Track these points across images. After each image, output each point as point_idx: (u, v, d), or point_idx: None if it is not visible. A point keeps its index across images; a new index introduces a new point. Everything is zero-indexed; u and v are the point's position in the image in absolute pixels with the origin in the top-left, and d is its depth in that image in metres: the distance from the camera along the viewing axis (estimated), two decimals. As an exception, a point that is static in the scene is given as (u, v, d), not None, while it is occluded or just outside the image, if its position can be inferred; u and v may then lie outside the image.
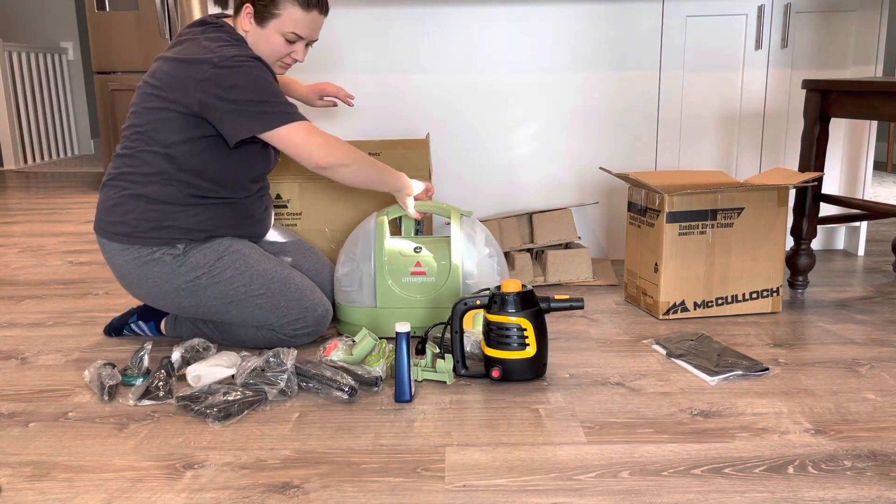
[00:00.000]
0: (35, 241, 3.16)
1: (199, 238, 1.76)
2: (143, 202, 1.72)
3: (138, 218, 1.72)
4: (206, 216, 1.76)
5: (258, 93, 1.65)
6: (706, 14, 2.49)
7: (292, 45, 1.76)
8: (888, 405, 1.51)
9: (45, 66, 5.92)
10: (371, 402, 1.56)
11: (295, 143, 1.68)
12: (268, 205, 1.95)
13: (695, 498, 1.20)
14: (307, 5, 1.71)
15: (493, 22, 2.50)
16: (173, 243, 1.74)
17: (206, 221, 1.76)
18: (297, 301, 1.78)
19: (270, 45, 1.74)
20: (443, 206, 1.93)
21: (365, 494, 1.22)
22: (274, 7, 1.70)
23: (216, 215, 1.77)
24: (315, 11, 1.73)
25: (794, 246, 2.23)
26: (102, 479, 1.28)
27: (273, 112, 1.66)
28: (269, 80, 1.68)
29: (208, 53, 1.65)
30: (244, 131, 1.66)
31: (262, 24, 1.72)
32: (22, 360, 1.83)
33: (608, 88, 2.55)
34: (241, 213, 1.82)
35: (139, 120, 1.71)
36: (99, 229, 1.77)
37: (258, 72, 1.67)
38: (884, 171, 4.71)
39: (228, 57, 1.64)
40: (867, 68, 2.53)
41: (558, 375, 1.68)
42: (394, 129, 2.57)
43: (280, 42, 1.74)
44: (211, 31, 1.74)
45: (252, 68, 1.66)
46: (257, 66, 1.68)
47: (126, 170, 1.73)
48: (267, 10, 1.71)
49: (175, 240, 1.74)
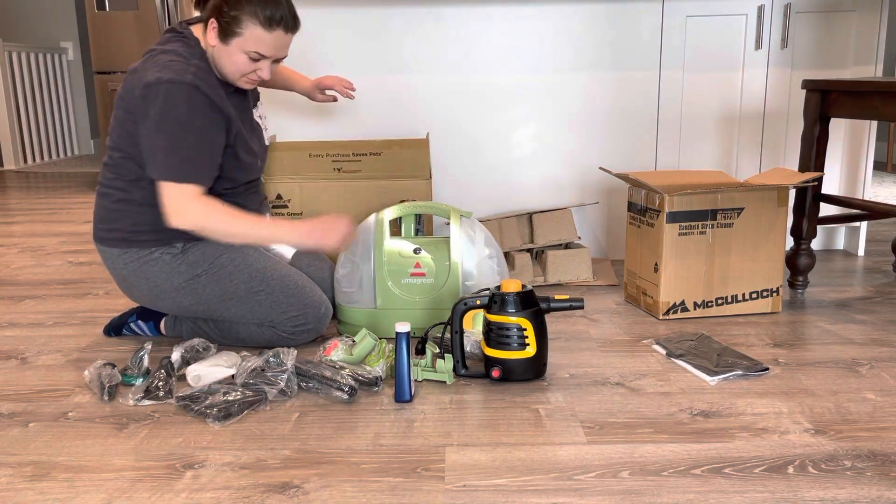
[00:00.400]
0: (35, 241, 3.16)
1: (196, 237, 1.76)
2: (135, 207, 1.73)
3: (133, 223, 1.74)
4: None
5: (169, 134, 1.62)
6: (706, 14, 2.49)
7: (256, 62, 1.70)
8: (888, 405, 1.51)
9: (45, 66, 5.91)
10: (371, 402, 1.56)
11: (164, 199, 1.64)
12: (262, 200, 1.96)
13: (695, 498, 1.20)
14: (269, 25, 1.65)
15: (492, 22, 2.50)
16: (171, 242, 1.76)
17: None
18: (296, 297, 1.78)
19: (234, 63, 1.68)
20: (442, 206, 1.93)
21: (365, 494, 1.22)
22: (236, 26, 1.64)
23: None
24: (279, 30, 1.66)
25: (794, 246, 2.23)
26: (102, 479, 1.28)
27: (165, 161, 1.63)
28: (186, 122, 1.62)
29: (153, 71, 1.63)
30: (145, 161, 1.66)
31: (226, 41, 1.66)
32: (22, 360, 1.83)
33: (608, 88, 2.55)
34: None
35: (113, 129, 1.73)
36: (97, 237, 1.80)
37: (182, 108, 1.61)
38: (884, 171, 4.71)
39: (164, 80, 1.60)
40: (867, 68, 2.53)
41: (558, 375, 1.68)
42: (394, 129, 2.57)
43: (244, 60, 1.68)
44: (172, 41, 1.71)
45: (178, 104, 1.61)
46: (185, 100, 1.61)
47: (112, 178, 1.75)
48: (230, 28, 1.64)
49: (172, 239, 1.76)
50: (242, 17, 1.63)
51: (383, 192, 2.22)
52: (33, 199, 4.28)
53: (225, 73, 1.72)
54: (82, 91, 6.37)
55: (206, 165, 1.67)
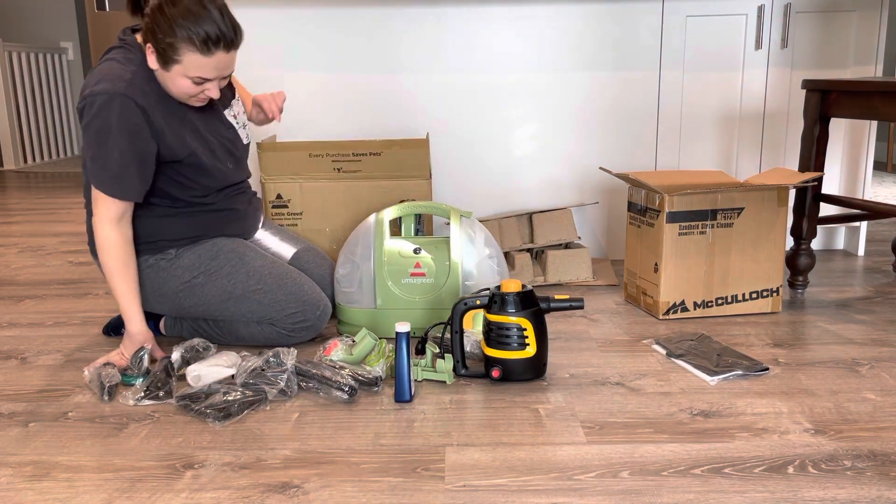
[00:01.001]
0: (35, 241, 3.16)
1: (188, 242, 1.79)
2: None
3: None
4: (189, 223, 1.79)
5: (100, 146, 1.61)
6: (706, 14, 2.49)
7: (202, 85, 1.64)
8: (888, 405, 1.51)
9: (45, 66, 5.91)
10: (371, 402, 1.56)
11: (95, 207, 1.66)
12: (250, 199, 1.94)
13: (695, 498, 1.20)
14: (207, 49, 1.57)
15: (492, 22, 2.50)
16: (164, 250, 1.78)
17: (190, 228, 1.80)
18: (294, 295, 1.79)
19: (178, 87, 1.63)
20: (442, 206, 1.93)
21: (365, 494, 1.22)
22: (173, 53, 1.57)
23: (199, 221, 1.80)
24: (220, 52, 1.59)
25: (794, 246, 2.23)
26: (102, 479, 1.28)
27: (96, 173, 1.63)
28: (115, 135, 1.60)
29: (90, 81, 1.62)
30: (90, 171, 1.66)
31: (166, 67, 1.60)
32: (22, 360, 1.83)
33: (608, 88, 2.55)
34: (223, 215, 1.84)
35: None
36: (92, 251, 1.81)
37: (111, 121, 1.60)
38: (884, 171, 4.71)
39: (97, 92, 1.59)
40: (867, 68, 2.53)
41: (558, 375, 1.68)
42: (394, 129, 2.57)
43: (188, 84, 1.62)
44: (113, 50, 1.69)
45: (108, 117, 1.59)
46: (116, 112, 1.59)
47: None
48: (167, 55, 1.58)
49: (164, 247, 1.78)
50: (178, 45, 1.56)
51: (383, 192, 2.22)
52: (33, 199, 4.28)
53: (173, 95, 1.67)
54: (82, 91, 6.37)
55: (135, 180, 1.65)
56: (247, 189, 1.95)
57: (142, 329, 1.74)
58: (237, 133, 1.86)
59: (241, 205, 1.89)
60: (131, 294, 1.72)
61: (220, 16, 1.58)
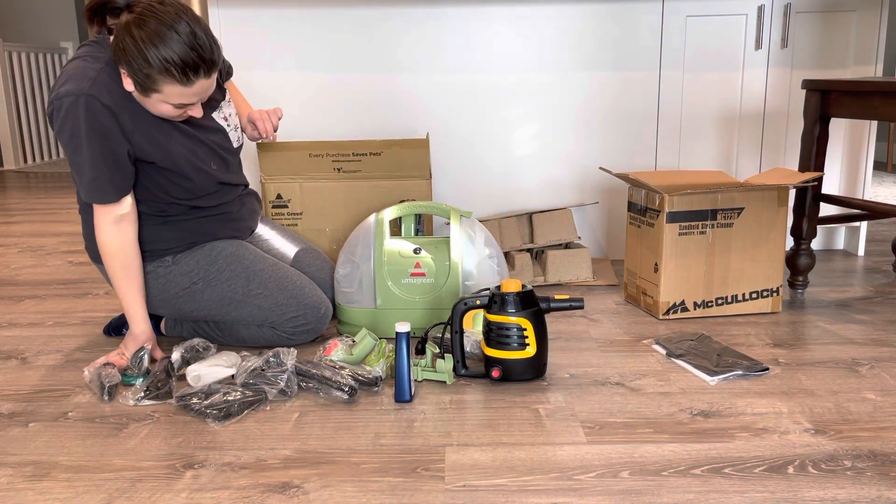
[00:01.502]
0: (35, 241, 3.16)
1: (184, 248, 1.78)
2: None
3: None
4: (184, 229, 1.77)
5: (74, 151, 1.58)
6: (706, 14, 2.49)
7: (183, 108, 1.59)
8: (888, 405, 1.51)
9: (45, 66, 5.92)
10: (371, 402, 1.56)
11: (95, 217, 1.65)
12: (243, 198, 1.91)
13: (695, 498, 1.20)
14: (187, 79, 1.51)
15: (492, 22, 2.50)
16: (161, 256, 1.76)
17: (186, 234, 1.77)
18: (295, 298, 1.78)
19: (159, 111, 1.59)
20: (442, 206, 1.93)
21: (365, 494, 1.22)
22: (152, 84, 1.51)
23: (194, 227, 1.78)
24: (201, 79, 1.54)
25: (794, 246, 2.23)
26: (102, 479, 1.28)
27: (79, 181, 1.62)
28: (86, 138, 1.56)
29: (58, 82, 1.58)
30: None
31: (145, 94, 1.55)
32: (22, 360, 1.83)
33: (608, 88, 2.55)
34: (215, 219, 1.82)
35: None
36: (90, 254, 1.79)
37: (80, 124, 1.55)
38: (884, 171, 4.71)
39: (62, 94, 1.54)
40: (867, 68, 2.53)
41: (558, 375, 1.68)
42: (394, 128, 2.57)
43: (169, 109, 1.58)
44: (83, 46, 1.64)
45: (76, 119, 1.54)
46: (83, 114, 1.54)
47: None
48: (146, 85, 1.52)
49: (161, 254, 1.76)
50: (156, 77, 1.50)
51: (383, 192, 2.22)
52: (33, 199, 4.28)
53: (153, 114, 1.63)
54: (82, 91, 6.37)
55: (112, 183, 1.62)
56: (240, 191, 1.90)
57: (145, 329, 1.73)
58: (227, 135, 1.80)
59: (233, 207, 1.86)
60: (135, 296, 1.71)
61: (190, 36, 1.49)
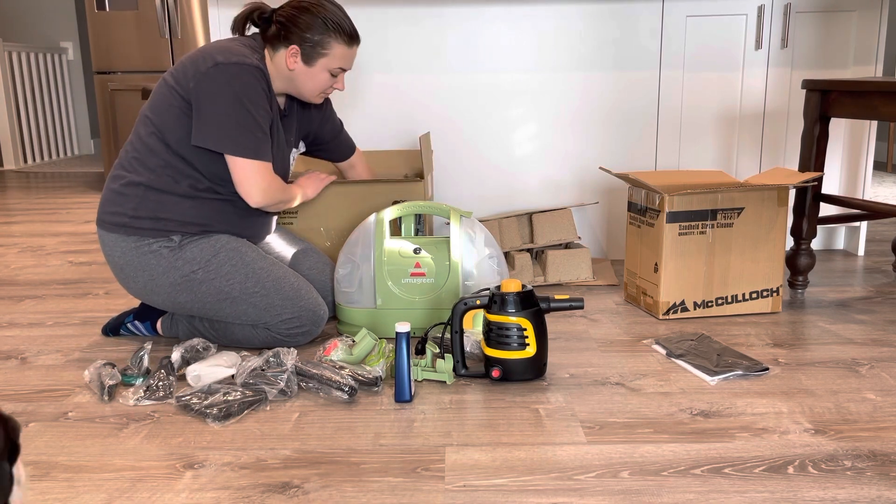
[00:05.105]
0: (35, 241, 3.16)
1: (195, 231, 1.77)
2: (142, 190, 1.75)
3: (136, 206, 1.74)
4: (204, 210, 1.77)
5: (238, 113, 1.69)
6: (706, 14, 2.49)
7: (335, 77, 1.85)
8: (888, 405, 1.51)
9: (45, 66, 5.92)
10: (371, 402, 1.56)
11: (240, 177, 1.73)
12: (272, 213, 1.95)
13: (695, 498, 1.20)
14: (351, 41, 1.82)
15: (492, 22, 2.50)
16: (168, 235, 1.76)
17: (203, 215, 1.78)
18: (291, 300, 1.78)
19: (316, 82, 1.82)
20: (442, 206, 1.93)
21: (365, 494, 1.22)
22: (322, 48, 1.78)
23: (214, 211, 1.79)
24: (356, 45, 1.85)
25: (794, 246, 2.23)
26: (102, 479, 1.28)
27: (239, 139, 1.70)
28: (256, 102, 1.71)
29: (219, 54, 1.70)
30: (205, 141, 1.70)
31: (310, 63, 1.79)
32: (22, 360, 1.83)
33: (608, 88, 2.55)
34: (240, 212, 1.82)
35: (149, 106, 1.77)
36: (99, 221, 1.81)
37: (250, 91, 1.70)
38: (884, 171, 4.71)
39: (233, 62, 1.68)
40: (867, 68, 2.53)
41: (558, 375, 1.68)
42: (393, 128, 2.57)
43: (326, 77, 1.83)
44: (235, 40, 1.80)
45: (247, 86, 1.69)
46: (255, 82, 1.71)
47: (130, 156, 1.77)
48: (314, 51, 1.78)
49: (170, 231, 1.76)
50: (327, 40, 1.78)
51: (380, 193, 2.22)
52: (33, 199, 4.28)
53: (303, 93, 1.84)
54: (82, 91, 6.37)
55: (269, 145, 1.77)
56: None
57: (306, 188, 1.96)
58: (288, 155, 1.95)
59: (259, 212, 1.89)
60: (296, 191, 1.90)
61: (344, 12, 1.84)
